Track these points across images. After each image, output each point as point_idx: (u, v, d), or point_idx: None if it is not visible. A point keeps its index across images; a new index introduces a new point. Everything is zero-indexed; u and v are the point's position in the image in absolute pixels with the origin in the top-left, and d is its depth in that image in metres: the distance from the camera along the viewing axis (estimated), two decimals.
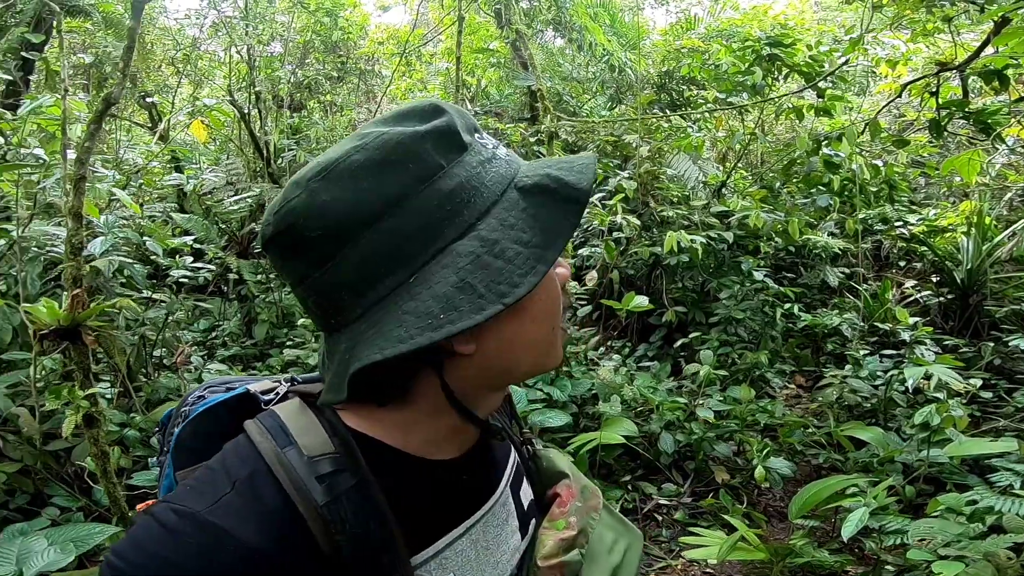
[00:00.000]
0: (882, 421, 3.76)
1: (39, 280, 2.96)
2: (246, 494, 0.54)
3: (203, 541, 0.50)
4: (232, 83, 4.85)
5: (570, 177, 0.58)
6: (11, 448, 2.54)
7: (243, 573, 0.50)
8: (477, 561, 0.67)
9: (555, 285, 0.64)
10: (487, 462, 0.73)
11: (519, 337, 0.61)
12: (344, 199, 0.54)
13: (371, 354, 0.53)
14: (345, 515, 0.55)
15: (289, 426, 0.59)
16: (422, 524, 0.62)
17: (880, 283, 5.04)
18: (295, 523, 0.53)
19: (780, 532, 3.03)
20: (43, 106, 2.16)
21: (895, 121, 6.36)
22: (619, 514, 0.87)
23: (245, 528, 0.51)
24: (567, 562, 0.72)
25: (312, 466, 0.56)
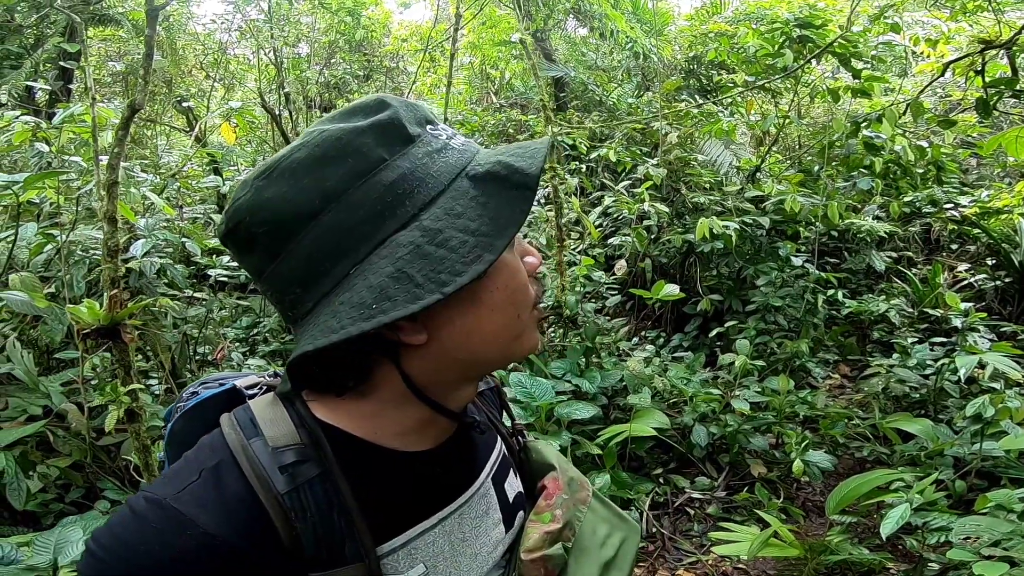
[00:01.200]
0: (932, 413, 3.57)
1: (84, 282, 3.10)
2: (210, 482, 0.55)
3: (165, 527, 0.52)
4: (262, 86, 4.96)
5: (520, 163, 0.57)
6: (60, 443, 2.68)
7: (203, 559, 0.52)
8: (452, 552, 0.67)
9: (518, 274, 0.63)
10: (464, 454, 0.73)
11: (479, 328, 0.61)
12: (285, 196, 0.56)
13: (304, 346, 0.54)
14: (307, 504, 0.56)
15: (259, 418, 0.61)
16: (390, 514, 0.62)
17: (930, 267, 4.78)
18: (256, 511, 0.54)
19: (819, 528, 2.92)
20: (75, 114, 2.25)
21: (940, 102, 6.01)
22: (615, 507, 0.86)
23: (205, 515, 0.53)
24: (550, 556, 0.72)
25: (276, 456, 0.57)
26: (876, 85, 4.04)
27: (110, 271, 2.58)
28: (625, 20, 5.78)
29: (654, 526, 2.91)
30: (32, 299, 2.61)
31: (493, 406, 0.87)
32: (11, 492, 2.28)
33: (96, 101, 2.16)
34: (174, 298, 3.68)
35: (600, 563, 0.76)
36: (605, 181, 5.13)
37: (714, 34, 5.18)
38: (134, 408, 2.69)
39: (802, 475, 2.94)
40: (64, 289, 3.05)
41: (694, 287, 4.99)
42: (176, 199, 3.94)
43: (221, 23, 5.27)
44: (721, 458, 3.46)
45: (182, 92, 5.39)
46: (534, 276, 0.66)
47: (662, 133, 4.86)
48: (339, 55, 6.04)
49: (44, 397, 2.93)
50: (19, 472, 2.33)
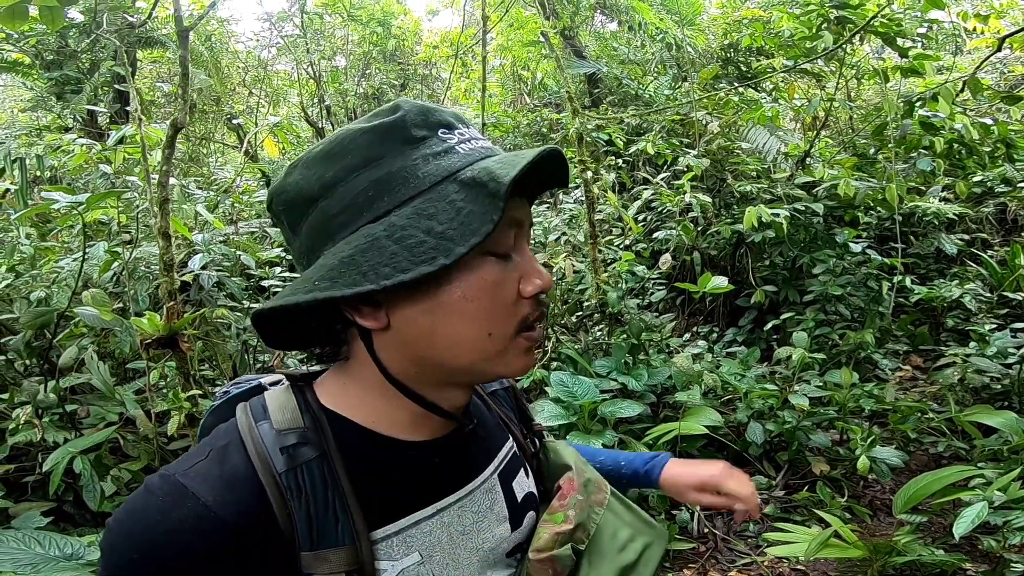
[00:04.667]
0: (1016, 404, 3.30)
1: (147, 296, 3.29)
2: (216, 460, 0.59)
3: (167, 499, 0.56)
4: (304, 100, 5.14)
5: (500, 170, 0.57)
6: (129, 447, 2.85)
7: (198, 531, 0.54)
8: (450, 544, 0.67)
9: (494, 288, 0.61)
10: (469, 447, 0.73)
11: (442, 332, 0.61)
12: (299, 181, 0.62)
13: (257, 307, 0.62)
14: (303, 484, 0.59)
15: (269, 405, 0.65)
16: (386, 500, 0.64)
17: (1008, 249, 4.42)
18: (254, 488, 0.57)
19: (887, 528, 2.73)
20: (127, 135, 2.40)
21: (1002, 78, 5.60)
22: (641, 512, 0.85)
23: (206, 489, 0.56)
24: (558, 556, 0.71)
25: (279, 438, 0.61)
26: (927, 64, 3.79)
27: (167, 284, 2.72)
28: (653, 12, 5.66)
29: (706, 526, 2.80)
30: (100, 314, 2.79)
31: (507, 405, 0.87)
32: (87, 494, 2.44)
33: (143, 122, 2.29)
34: (233, 309, 3.85)
35: (617, 567, 0.76)
36: (646, 176, 5.02)
37: (748, 20, 5.00)
38: (194, 413, 2.83)
39: (868, 473, 2.77)
40: (130, 303, 3.25)
41: (746, 279, 4.80)
42: (230, 214, 4.13)
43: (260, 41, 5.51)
44: (779, 456, 3.30)
45: (231, 110, 5.66)
46: (533, 299, 0.64)
47: (703, 123, 4.72)
48: (374, 65, 6.20)
49: (119, 405, 3.13)
50: (94, 475, 2.48)
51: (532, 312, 0.64)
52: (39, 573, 1.40)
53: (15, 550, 1.62)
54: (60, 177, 4.75)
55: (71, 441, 2.60)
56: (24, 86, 5.96)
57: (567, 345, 3.88)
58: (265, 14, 5.48)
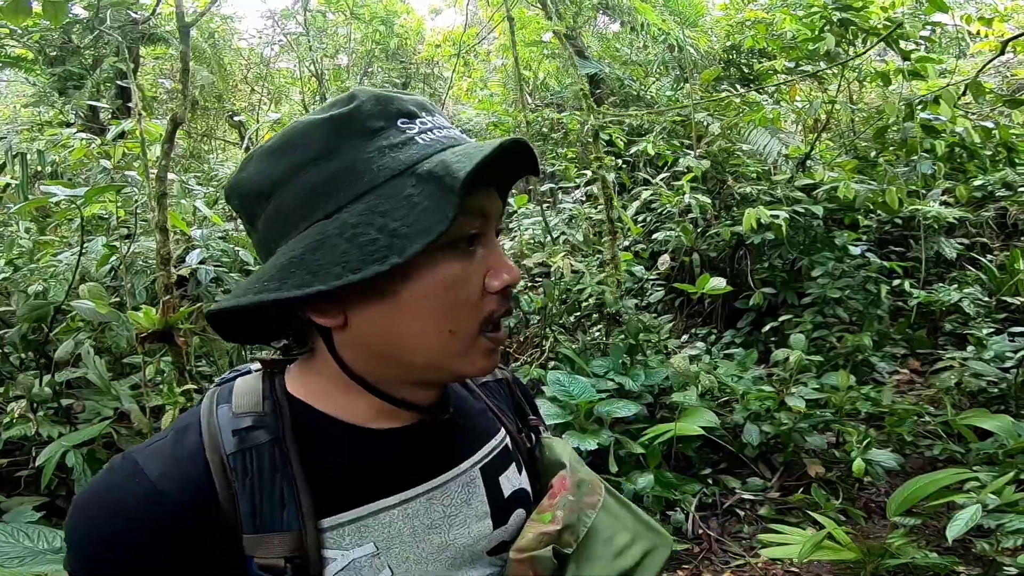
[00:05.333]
0: (1013, 408, 3.29)
1: (145, 291, 3.30)
2: (172, 440, 0.60)
3: (123, 477, 0.58)
4: (306, 98, 5.15)
5: (457, 164, 0.54)
6: (124, 441, 2.84)
7: (142, 504, 0.56)
8: (412, 537, 0.64)
9: (453, 286, 0.58)
10: (443, 437, 0.70)
11: (397, 329, 0.59)
12: (251, 177, 0.61)
13: (210, 306, 0.61)
14: (249, 466, 0.59)
15: (236, 390, 0.65)
16: (342, 488, 0.62)
17: (1008, 253, 4.41)
18: (199, 467, 0.58)
19: (882, 531, 2.73)
20: (127, 131, 2.41)
21: (1004, 81, 5.59)
22: (645, 516, 0.81)
23: (155, 467, 0.57)
24: (537, 558, 0.68)
25: (234, 420, 0.61)
26: (930, 67, 3.78)
27: (163, 279, 2.73)
28: (655, 13, 5.65)
29: (700, 527, 2.80)
30: (96, 307, 2.79)
31: (499, 398, 0.84)
32: (79, 488, 2.43)
33: (143, 117, 2.30)
34: None
35: (612, 573, 0.72)
36: (647, 177, 5.02)
37: (751, 22, 4.99)
38: (189, 408, 2.83)
39: (863, 475, 2.76)
40: (127, 298, 3.25)
41: (745, 281, 4.80)
42: (229, 211, 4.13)
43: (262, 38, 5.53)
44: (775, 458, 3.30)
45: (232, 107, 5.67)
46: (499, 294, 0.61)
47: (704, 125, 4.71)
48: (376, 64, 6.21)
49: (115, 400, 3.12)
50: (87, 469, 2.48)
51: (498, 308, 0.61)
52: (25, 565, 1.40)
53: (3, 543, 1.62)
54: (61, 172, 4.76)
55: (65, 436, 2.59)
56: (27, 81, 5.98)
57: (565, 345, 3.88)
58: (268, 11, 5.51)
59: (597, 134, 3.64)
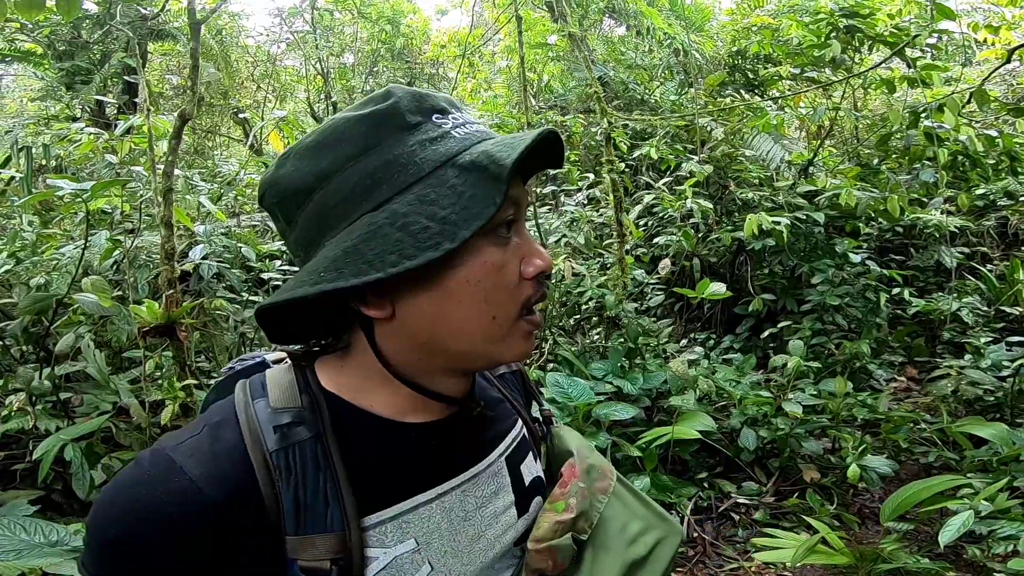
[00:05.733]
0: (1009, 417, 3.30)
1: (148, 285, 3.31)
2: (208, 436, 0.58)
3: (156, 473, 0.55)
4: (311, 96, 5.18)
5: (501, 153, 0.56)
6: (122, 435, 2.86)
7: (181, 504, 0.54)
8: (450, 530, 0.65)
9: (495, 271, 0.60)
10: (474, 430, 0.72)
11: (444, 317, 0.60)
12: (290, 174, 0.61)
13: (261, 303, 0.60)
14: (293, 464, 0.58)
15: (268, 383, 0.64)
16: (383, 484, 0.62)
17: (1008, 263, 4.42)
18: (241, 466, 0.56)
19: (875, 536, 2.74)
20: (135, 126, 2.43)
21: (1010, 90, 5.60)
22: (655, 505, 0.82)
23: (193, 464, 0.55)
24: (557, 546, 0.69)
25: (274, 416, 0.60)
26: (935, 74, 3.78)
27: (167, 273, 2.74)
28: (661, 17, 5.67)
29: (695, 531, 2.81)
30: (99, 300, 2.80)
31: (515, 389, 0.86)
32: (76, 482, 2.44)
33: (152, 113, 2.32)
34: (232, 301, 3.86)
35: (625, 561, 0.73)
36: (649, 180, 5.04)
37: (757, 27, 5.01)
38: (189, 403, 2.84)
39: (858, 481, 2.77)
40: (129, 292, 3.27)
41: (745, 287, 4.81)
42: (232, 207, 4.15)
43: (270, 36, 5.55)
44: (771, 463, 3.31)
45: (238, 104, 5.70)
46: (534, 280, 0.63)
47: (708, 130, 4.73)
48: (382, 63, 6.24)
49: (113, 394, 3.13)
50: (84, 463, 2.48)
51: (535, 293, 0.63)
52: (22, 559, 1.40)
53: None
54: (65, 166, 4.78)
55: (63, 429, 2.60)
56: (35, 76, 6.02)
57: (564, 347, 3.89)
58: (276, 9, 5.53)
59: (609, 137, 3.66)
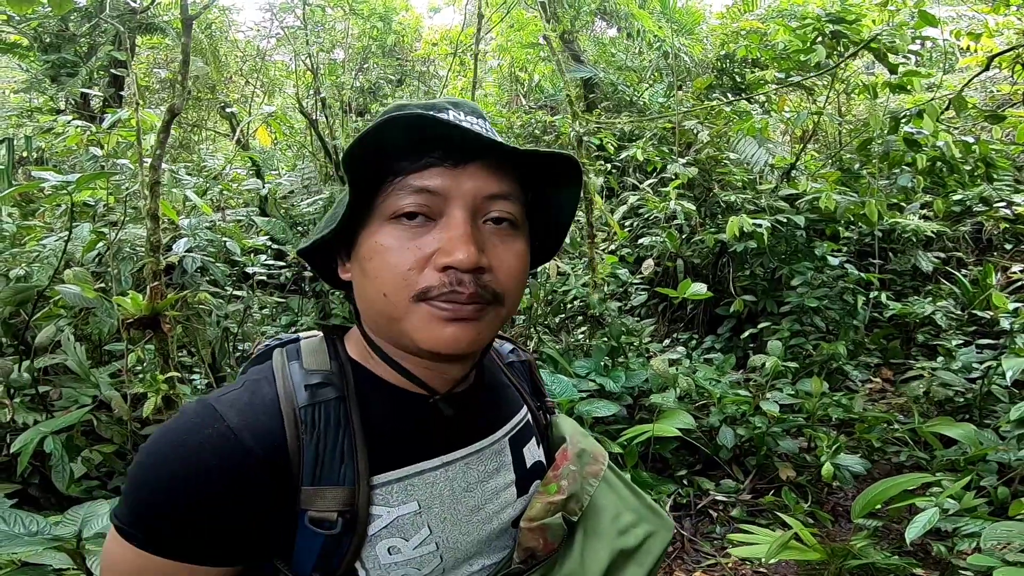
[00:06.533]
0: (978, 417, 3.40)
1: (131, 278, 3.29)
2: (247, 391, 0.65)
3: (199, 420, 0.61)
4: (300, 92, 5.16)
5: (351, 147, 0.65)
6: (103, 428, 2.84)
7: (218, 448, 0.59)
8: (451, 499, 0.69)
9: (384, 253, 0.62)
10: (481, 407, 0.76)
11: (360, 284, 0.67)
12: None
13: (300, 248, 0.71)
14: (318, 420, 0.63)
15: (302, 349, 0.71)
16: (393, 447, 0.67)
17: (981, 268, 4.54)
18: (274, 418, 0.62)
19: (848, 533, 2.81)
20: (123, 119, 2.42)
21: (988, 97, 5.73)
22: (649, 499, 0.86)
23: (233, 413, 0.61)
24: (548, 525, 0.72)
25: (306, 376, 0.66)
26: (916, 80, 3.87)
27: (152, 265, 2.74)
28: (652, 19, 5.73)
29: (674, 527, 2.86)
30: (83, 291, 2.78)
31: (522, 378, 0.90)
32: (56, 475, 2.41)
33: (140, 106, 2.31)
34: (216, 295, 3.84)
35: (614, 549, 0.76)
36: (635, 182, 5.09)
37: (745, 31, 5.08)
38: (171, 396, 2.84)
39: (832, 479, 2.84)
40: (113, 284, 3.25)
41: (727, 288, 4.89)
42: (218, 201, 4.13)
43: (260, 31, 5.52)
44: (748, 461, 3.37)
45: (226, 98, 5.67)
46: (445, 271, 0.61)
47: (694, 132, 4.79)
48: (372, 60, 6.23)
49: (94, 387, 3.10)
50: (65, 455, 2.46)
51: (437, 286, 0.61)
52: (2, 548, 1.41)
53: None
54: (47, 158, 4.72)
55: (42, 422, 2.58)
56: (20, 68, 5.92)
57: (548, 345, 3.94)
58: (267, 4, 5.50)
59: (580, 140, 3.70)
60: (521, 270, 0.67)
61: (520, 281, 0.67)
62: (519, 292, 0.67)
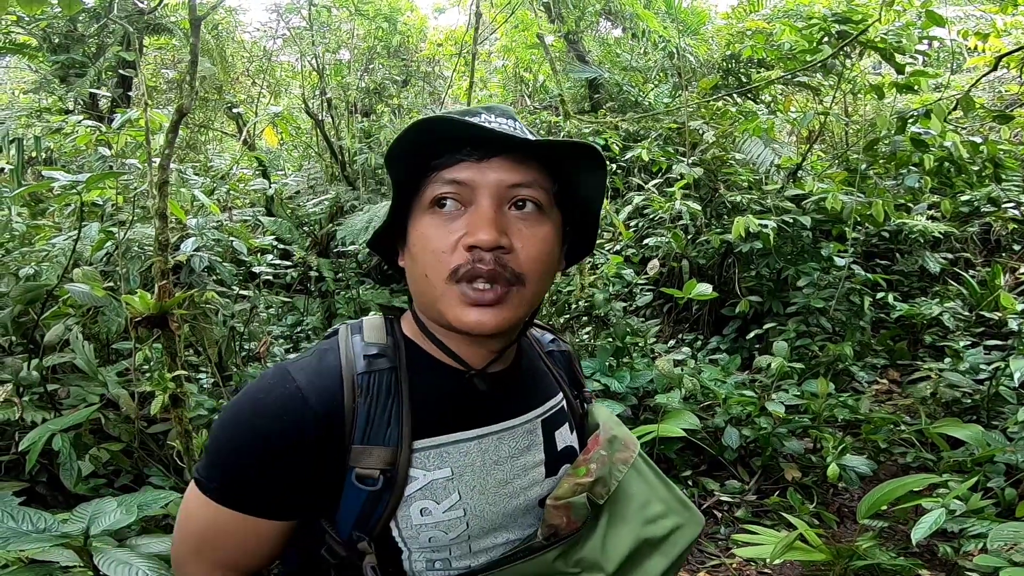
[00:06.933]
0: (985, 419, 3.37)
1: (139, 277, 3.32)
2: (316, 358, 0.75)
3: (272, 381, 0.72)
4: (306, 92, 5.18)
5: None
6: (111, 425, 2.86)
7: (286, 405, 0.70)
8: (482, 469, 0.76)
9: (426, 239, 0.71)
10: (517, 387, 0.83)
11: (409, 267, 0.76)
12: None
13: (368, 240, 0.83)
14: (372, 387, 0.73)
15: (365, 326, 0.81)
16: (435, 416, 0.75)
17: (989, 269, 4.51)
18: (335, 381, 0.72)
19: (854, 534, 2.80)
20: (132, 119, 2.44)
21: (996, 97, 5.68)
22: (680, 492, 0.89)
23: (302, 375, 0.72)
24: (572, 503, 0.77)
25: (366, 347, 0.76)
26: (923, 80, 3.85)
27: (160, 264, 2.76)
28: (657, 20, 5.72)
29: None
30: (91, 290, 2.81)
31: (561, 366, 0.95)
32: (64, 472, 2.43)
33: (149, 106, 2.33)
34: (222, 295, 3.86)
35: (639, 537, 0.79)
36: (640, 182, 5.09)
37: (751, 32, 5.07)
38: (178, 394, 2.85)
39: (838, 480, 2.83)
40: (121, 283, 3.27)
41: (733, 289, 4.87)
42: (225, 201, 4.16)
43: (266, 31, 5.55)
44: (754, 462, 3.37)
45: (232, 99, 5.70)
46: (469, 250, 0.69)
47: (699, 132, 4.78)
48: (378, 60, 6.26)
49: (102, 386, 3.12)
50: (73, 453, 2.48)
51: (464, 263, 0.69)
52: (8, 545, 1.42)
53: None
54: (56, 158, 4.76)
55: (51, 420, 2.60)
56: (29, 68, 5.97)
57: None
58: (274, 5, 5.55)
59: None
60: (545, 252, 0.72)
61: (543, 263, 0.72)
62: (542, 273, 0.73)
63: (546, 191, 0.73)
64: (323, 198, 5.23)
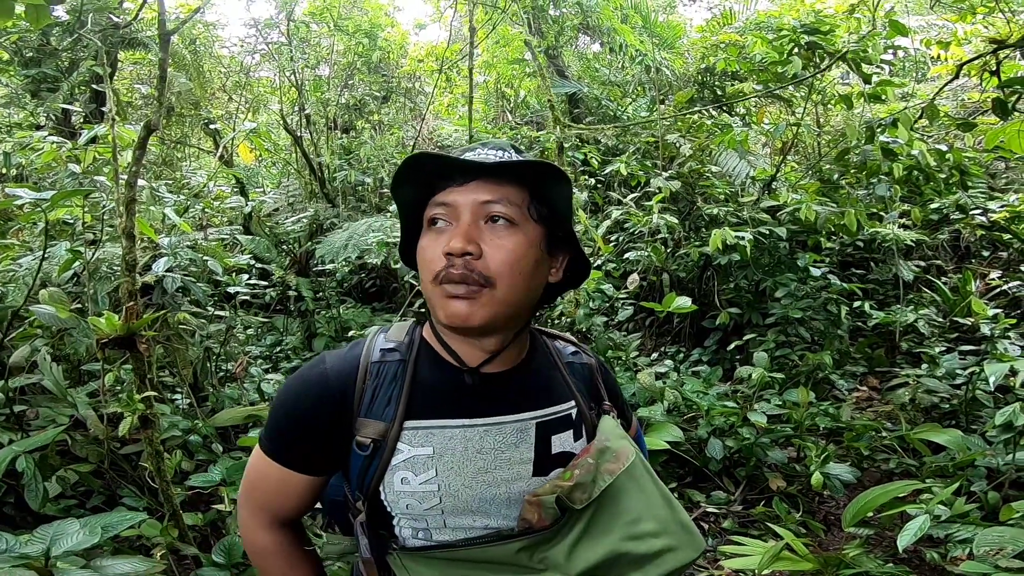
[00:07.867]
0: (964, 423, 3.41)
1: (108, 297, 3.23)
2: (348, 348, 0.93)
3: (314, 363, 0.91)
4: (285, 108, 5.14)
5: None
6: (79, 447, 2.76)
7: (315, 382, 0.88)
8: (463, 455, 0.85)
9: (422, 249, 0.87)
10: (513, 389, 0.90)
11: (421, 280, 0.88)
12: None
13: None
14: (380, 374, 0.88)
15: (392, 328, 0.96)
16: (429, 404, 0.87)
17: (960, 275, 4.60)
18: (353, 366, 0.89)
19: (840, 542, 2.79)
20: (100, 135, 2.38)
21: (960, 105, 5.85)
22: (684, 515, 0.92)
23: (332, 360, 0.90)
24: (542, 502, 0.83)
25: (384, 343, 0.92)
26: (890, 90, 3.95)
27: (128, 285, 2.68)
28: (634, 34, 5.82)
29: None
30: (57, 312, 2.72)
31: (580, 378, 1.00)
32: (29, 493, 2.35)
33: (116, 122, 2.28)
34: (197, 315, 3.78)
35: (616, 551, 0.81)
36: (619, 196, 5.12)
37: (724, 44, 5.17)
38: (148, 415, 2.76)
39: (822, 488, 2.82)
40: (89, 304, 3.18)
41: (713, 301, 4.90)
42: (200, 219, 4.08)
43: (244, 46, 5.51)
44: (738, 472, 3.35)
45: (209, 114, 5.63)
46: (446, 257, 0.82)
47: (676, 146, 4.84)
48: (358, 76, 6.27)
49: (71, 407, 3.03)
50: (38, 474, 2.39)
51: (443, 268, 0.82)
52: None
53: None
54: (26, 175, 4.65)
55: (17, 441, 2.51)
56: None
57: None
58: (252, 20, 5.53)
59: (561, 146, 3.73)
60: (515, 258, 0.82)
61: (512, 267, 0.82)
62: (513, 278, 0.82)
63: (517, 206, 0.83)
64: (302, 216, 5.17)
